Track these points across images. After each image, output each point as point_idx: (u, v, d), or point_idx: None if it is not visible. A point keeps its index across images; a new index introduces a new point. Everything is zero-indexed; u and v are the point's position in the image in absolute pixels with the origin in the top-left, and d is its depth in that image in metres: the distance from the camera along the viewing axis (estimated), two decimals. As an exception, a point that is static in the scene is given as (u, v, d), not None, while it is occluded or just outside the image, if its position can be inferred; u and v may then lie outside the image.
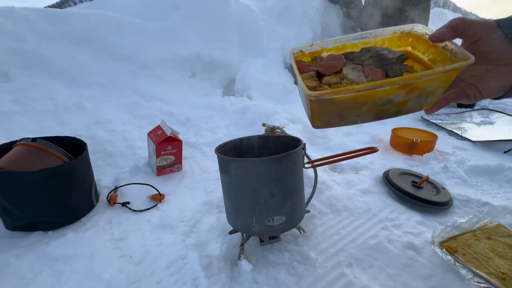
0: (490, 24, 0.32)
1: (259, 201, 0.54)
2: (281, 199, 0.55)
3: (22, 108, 1.26)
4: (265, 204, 0.54)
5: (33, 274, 0.62)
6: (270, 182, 0.53)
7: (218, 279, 0.59)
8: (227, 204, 0.61)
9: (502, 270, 0.56)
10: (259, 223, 0.56)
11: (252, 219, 0.56)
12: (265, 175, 0.52)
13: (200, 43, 2.06)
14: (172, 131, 1.06)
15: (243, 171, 0.53)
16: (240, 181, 0.54)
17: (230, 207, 0.60)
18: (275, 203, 0.55)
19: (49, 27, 1.61)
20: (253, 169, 0.52)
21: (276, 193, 0.54)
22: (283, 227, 0.57)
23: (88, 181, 0.82)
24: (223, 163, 0.56)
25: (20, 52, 1.45)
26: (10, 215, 0.70)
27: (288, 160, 0.54)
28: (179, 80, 1.90)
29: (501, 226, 0.70)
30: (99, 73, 1.62)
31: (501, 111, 1.87)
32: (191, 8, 2.16)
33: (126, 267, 0.64)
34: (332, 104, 0.31)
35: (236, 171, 0.53)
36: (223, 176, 0.58)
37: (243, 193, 0.55)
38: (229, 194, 0.58)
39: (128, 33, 1.87)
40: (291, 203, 0.56)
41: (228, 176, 0.55)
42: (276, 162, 0.52)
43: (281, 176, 0.53)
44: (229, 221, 0.64)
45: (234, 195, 0.57)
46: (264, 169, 0.52)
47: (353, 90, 0.29)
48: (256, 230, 0.57)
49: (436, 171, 1.09)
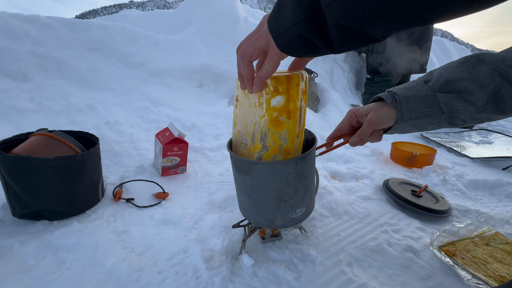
0: (392, 117, 0.50)
1: (284, 198, 0.54)
2: (303, 193, 0.55)
3: (37, 107, 1.32)
4: (290, 201, 0.54)
5: (36, 261, 0.63)
6: (295, 180, 0.52)
7: (218, 271, 0.60)
8: (247, 203, 0.59)
9: (500, 274, 0.57)
10: (283, 217, 0.56)
11: (276, 215, 0.55)
12: (291, 174, 0.51)
13: (210, 56, 2.17)
14: (180, 133, 1.10)
15: (269, 173, 0.51)
16: (265, 182, 0.52)
17: (251, 206, 0.58)
18: (298, 198, 0.55)
19: (69, 34, 1.72)
20: (279, 170, 0.51)
21: (299, 189, 0.54)
22: (303, 216, 0.59)
23: (97, 174, 0.85)
24: (245, 165, 0.54)
25: (40, 56, 1.54)
26: (20, 201, 0.72)
27: (310, 157, 0.54)
28: (187, 89, 1.98)
29: (499, 234, 0.71)
30: (112, 78, 1.70)
31: (499, 132, 1.91)
32: (203, 24, 2.30)
33: (128, 257, 0.65)
34: None
35: (261, 173, 0.51)
36: (244, 177, 0.55)
37: (267, 193, 0.53)
38: (251, 194, 0.56)
39: (142, 43, 1.98)
40: (310, 194, 0.57)
41: (250, 177, 0.53)
42: (301, 160, 0.51)
43: (304, 172, 0.53)
44: (248, 217, 0.62)
45: (257, 195, 0.55)
46: (291, 168, 0.51)
47: None
48: (280, 224, 0.57)
49: (435, 183, 1.11)
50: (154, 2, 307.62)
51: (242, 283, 0.58)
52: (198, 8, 2.52)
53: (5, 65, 1.42)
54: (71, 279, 0.58)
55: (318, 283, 0.58)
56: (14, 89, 1.35)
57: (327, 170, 1.20)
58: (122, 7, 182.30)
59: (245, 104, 0.53)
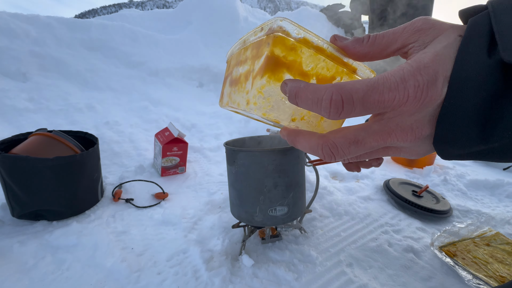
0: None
1: (263, 190, 0.56)
2: (284, 190, 0.57)
3: (36, 106, 1.31)
4: (269, 194, 0.57)
5: (35, 261, 0.63)
6: (275, 173, 0.56)
7: (218, 272, 0.60)
8: (232, 195, 0.63)
9: (501, 274, 0.56)
10: (262, 213, 0.58)
11: (256, 209, 0.58)
12: (270, 165, 0.55)
13: (209, 55, 2.16)
14: (179, 133, 1.09)
15: (250, 161, 0.56)
16: (246, 171, 0.57)
17: (235, 198, 0.62)
18: (278, 193, 0.57)
19: (69, 34, 1.72)
20: (259, 159, 0.55)
21: (279, 183, 0.57)
22: (285, 218, 0.59)
23: (96, 174, 0.85)
24: (231, 154, 0.60)
25: (40, 55, 1.54)
26: (19, 202, 0.72)
27: (292, 153, 0.57)
28: (187, 89, 1.97)
29: (499, 235, 0.71)
30: (111, 78, 1.70)
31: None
32: (203, 24, 2.30)
33: (127, 257, 0.65)
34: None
35: (243, 161, 0.56)
36: (230, 167, 0.61)
37: (248, 182, 0.57)
38: (235, 184, 0.60)
39: (141, 43, 1.98)
40: (293, 195, 0.59)
41: (235, 167, 0.58)
42: (281, 153, 0.55)
43: (285, 167, 0.56)
44: (233, 212, 0.66)
45: (240, 185, 0.59)
46: (269, 159, 0.55)
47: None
48: (259, 220, 0.59)
49: (436, 183, 1.11)
50: (153, 2, 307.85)
51: (242, 283, 0.57)
52: (198, 7, 2.52)
53: (5, 64, 1.41)
54: (70, 280, 0.58)
55: (318, 283, 0.58)
56: (13, 89, 1.34)
57: (328, 170, 1.20)
58: (121, 7, 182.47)
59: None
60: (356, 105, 0.16)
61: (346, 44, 0.20)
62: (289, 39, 0.19)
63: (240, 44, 0.24)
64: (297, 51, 0.19)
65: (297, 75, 0.20)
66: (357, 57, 0.21)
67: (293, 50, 0.19)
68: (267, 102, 0.20)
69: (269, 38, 0.19)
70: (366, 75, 0.22)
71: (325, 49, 0.20)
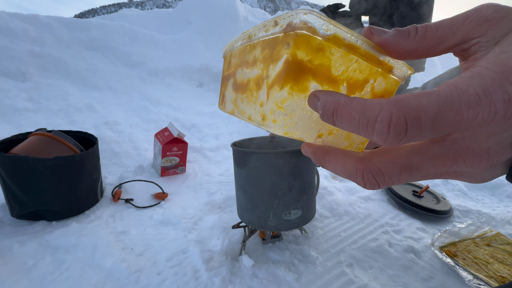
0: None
1: (277, 194, 0.53)
2: (298, 193, 0.55)
3: (35, 106, 1.31)
4: (283, 198, 0.54)
5: (35, 261, 0.63)
6: (290, 175, 0.53)
7: (218, 272, 0.59)
8: (242, 200, 0.60)
9: (501, 274, 0.56)
10: (276, 217, 0.55)
11: (269, 213, 0.55)
12: (285, 167, 0.52)
13: (209, 55, 2.16)
14: (179, 133, 1.09)
15: (263, 164, 0.52)
16: (259, 174, 0.53)
17: (246, 202, 0.58)
18: (293, 196, 0.54)
19: (68, 34, 1.71)
20: (274, 161, 0.51)
21: (294, 186, 0.54)
22: (299, 221, 0.57)
23: (96, 174, 0.84)
24: (241, 156, 0.55)
25: (39, 55, 1.54)
26: (18, 202, 0.72)
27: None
28: (187, 88, 1.97)
29: (500, 235, 0.71)
30: (111, 78, 1.70)
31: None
32: (203, 23, 2.30)
33: (127, 257, 0.65)
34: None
35: (256, 164, 0.53)
36: (240, 170, 0.57)
37: (261, 186, 0.54)
38: (246, 188, 0.57)
39: (141, 43, 1.97)
40: (307, 197, 0.56)
41: (246, 170, 0.55)
42: (296, 154, 0.52)
43: (300, 169, 0.53)
44: (243, 218, 0.62)
45: (252, 189, 0.56)
46: (285, 161, 0.51)
47: None
48: (273, 224, 0.56)
49: (436, 183, 1.11)
50: (153, 1, 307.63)
51: (242, 284, 0.57)
52: (198, 7, 2.52)
53: (4, 64, 1.41)
54: (70, 280, 0.58)
55: (318, 284, 0.57)
56: (12, 89, 1.34)
57: (328, 170, 1.20)
58: (121, 6, 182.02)
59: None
60: (425, 129, 0.12)
61: (387, 39, 0.16)
62: (316, 37, 0.14)
63: (244, 40, 0.20)
64: (326, 52, 0.15)
65: (325, 82, 0.16)
66: (401, 55, 0.16)
67: (321, 51, 0.15)
68: (289, 118, 0.16)
69: (288, 36, 0.15)
70: (403, 73, 0.17)
71: (359, 47, 0.16)
